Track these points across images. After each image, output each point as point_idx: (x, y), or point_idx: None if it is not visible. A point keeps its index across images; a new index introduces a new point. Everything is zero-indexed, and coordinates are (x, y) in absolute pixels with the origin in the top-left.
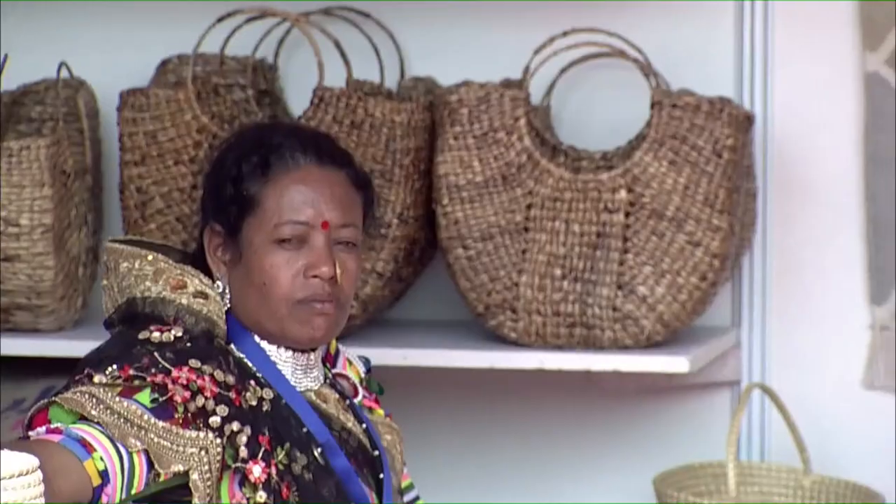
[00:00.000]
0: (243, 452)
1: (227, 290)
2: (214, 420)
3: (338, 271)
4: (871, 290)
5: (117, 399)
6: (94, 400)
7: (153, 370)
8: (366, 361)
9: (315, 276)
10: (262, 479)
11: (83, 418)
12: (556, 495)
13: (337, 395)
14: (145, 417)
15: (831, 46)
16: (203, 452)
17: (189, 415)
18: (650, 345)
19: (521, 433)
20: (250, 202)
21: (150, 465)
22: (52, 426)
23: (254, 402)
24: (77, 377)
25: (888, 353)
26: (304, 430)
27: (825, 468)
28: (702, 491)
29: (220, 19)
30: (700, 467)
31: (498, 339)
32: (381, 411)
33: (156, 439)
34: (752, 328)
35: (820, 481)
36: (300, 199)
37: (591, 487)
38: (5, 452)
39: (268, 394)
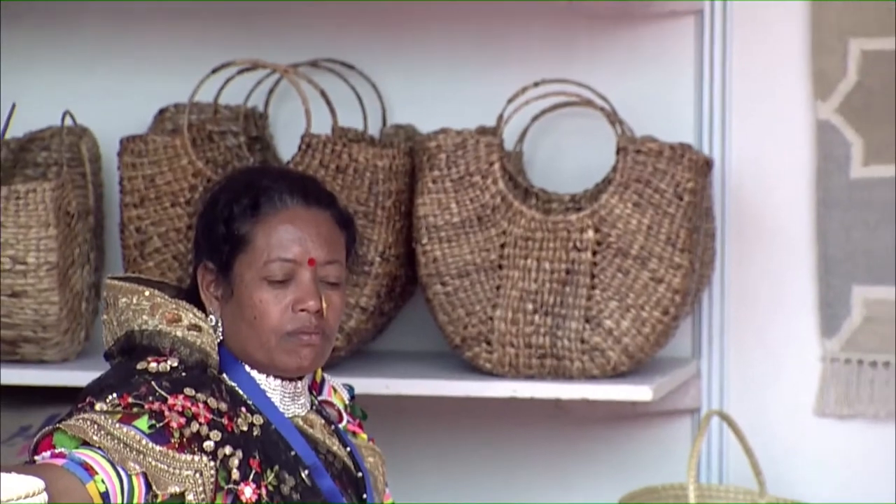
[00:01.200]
0: (235, 475)
1: (219, 324)
2: (208, 444)
3: (324, 305)
4: (821, 324)
5: (117, 425)
6: (96, 426)
7: (150, 398)
8: (350, 389)
9: (302, 310)
10: (253, 500)
11: (85, 443)
12: None
13: (323, 421)
14: (143, 442)
15: (785, 96)
16: (198, 475)
17: (184, 440)
18: (616, 375)
19: (495, 457)
20: (241, 241)
21: (149, 486)
22: (56, 451)
23: (245, 428)
24: (79, 405)
25: (838, 383)
26: (292, 453)
27: (779, 490)
28: None
29: (214, 70)
30: (663, 489)
31: (474, 370)
32: (364, 436)
33: (153, 463)
34: (711, 359)
35: (775, 502)
36: (288, 238)
37: None
38: (13, 475)
39: (258, 420)
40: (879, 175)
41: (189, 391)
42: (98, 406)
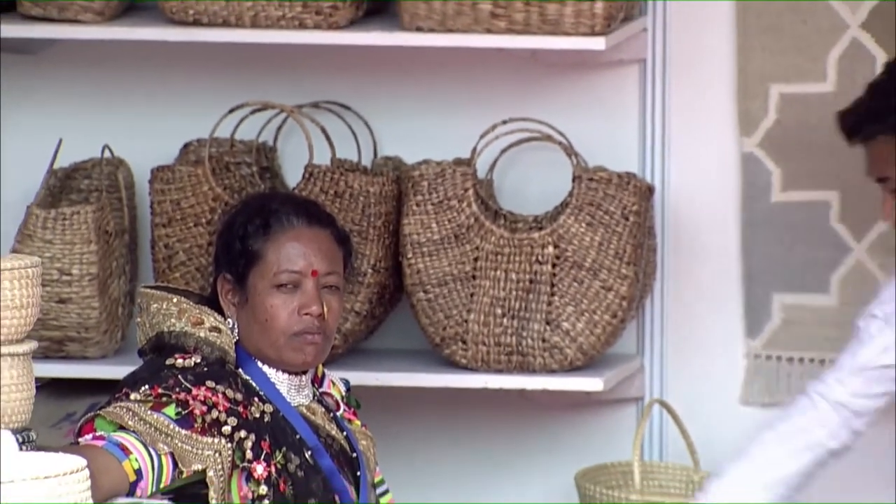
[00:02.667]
0: (249, 454)
1: (235, 326)
2: (226, 429)
3: (325, 310)
4: (746, 326)
5: (149, 412)
6: (131, 413)
7: (177, 389)
8: (346, 382)
9: (307, 314)
10: (264, 476)
11: (122, 428)
12: (498, 488)
13: (323, 409)
14: (171, 427)
15: (715, 132)
16: (217, 454)
17: (206, 425)
18: (572, 369)
19: (470, 439)
20: (254, 256)
21: (175, 464)
22: (96, 434)
23: (257, 415)
24: (117, 395)
25: (760, 376)
26: (297, 436)
27: (711, 466)
28: (613, 485)
29: (231, 111)
30: (612, 465)
31: (451, 365)
32: (358, 422)
33: (180, 444)
34: (653, 355)
35: (707, 477)
36: (294, 253)
37: (526, 481)
38: (60, 455)
39: (268, 408)
40: (795, 199)
41: (210, 383)
42: (133, 396)
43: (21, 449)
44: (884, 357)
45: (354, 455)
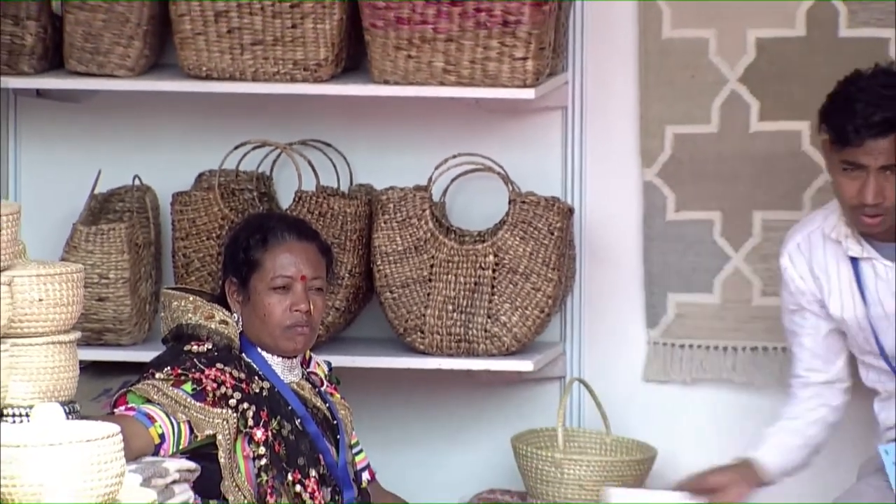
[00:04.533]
0: (250, 422)
1: (240, 320)
2: (232, 401)
3: (311, 307)
4: (647, 319)
5: (170, 388)
6: (155, 388)
7: (193, 370)
8: (328, 364)
9: (297, 311)
10: (262, 439)
11: (149, 401)
12: (449, 448)
13: (310, 386)
14: (188, 400)
15: (622, 165)
16: (225, 422)
17: (216, 398)
18: (509, 353)
19: (427, 410)
20: (255, 264)
21: (192, 430)
22: (128, 406)
23: (257, 390)
24: (144, 374)
25: (658, 359)
26: (289, 407)
27: (619, 431)
28: (541, 445)
29: (236, 147)
30: (540, 431)
31: (412, 351)
32: (338, 396)
33: (195, 414)
34: (573, 342)
35: (616, 439)
36: (287, 262)
37: (472, 443)
38: (99, 422)
39: (266, 385)
40: (686, 218)
41: (219, 365)
42: (157, 375)
43: (67, 417)
44: (824, 334)
45: (335, 422)
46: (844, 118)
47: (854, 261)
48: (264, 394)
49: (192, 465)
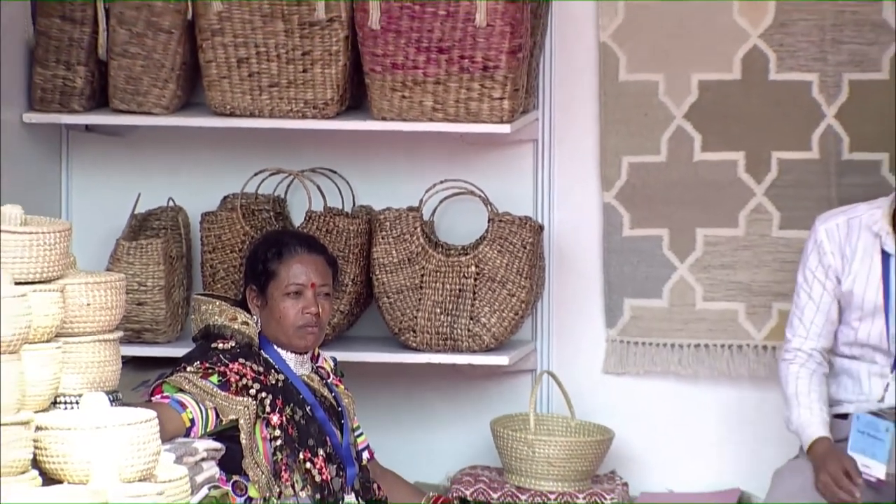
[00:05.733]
0: (267, 408)
1: (259, 321)
2: (252, 391)
3: (320, 310)
4: (606, 320)
5: (199, 380)
6: (187, 380)
7: (219, 364)
8: (334, 359)
9: (307, 313)
10: (278, 424)
11: (181, 390)
12: (437, 430)
13: (318, 378)
14: (214, 390)
15: (585, 189)
16: (246, 409)
17: (238, 388)
18: (488, 350)
19: (418, 399)
20: (272, 274)
21: (218, 415)
22: (163, 395)
23: (273, 382)
24: (177, 368)
25: (616, 354)
26: (300, 396)
27: (582, 416)
28: (516, 428)
29: (255, 174)
30: (516, 416)
31: (405, 348)
32: (342, 386)
33: (220, 402)
34: (543, 340)
35: (579, 423)
36: (299, 271)
37: (457, 426)
38: (138, 409)
39: (281, 377)
40: (639, 234)
41: (241, 360)
42: (188, 369)
43: (111, 405)
44: (828, 301)
45: (340, 409)
46: None
47: (886, 255)
48: (279, 385)
49: (217, 445)
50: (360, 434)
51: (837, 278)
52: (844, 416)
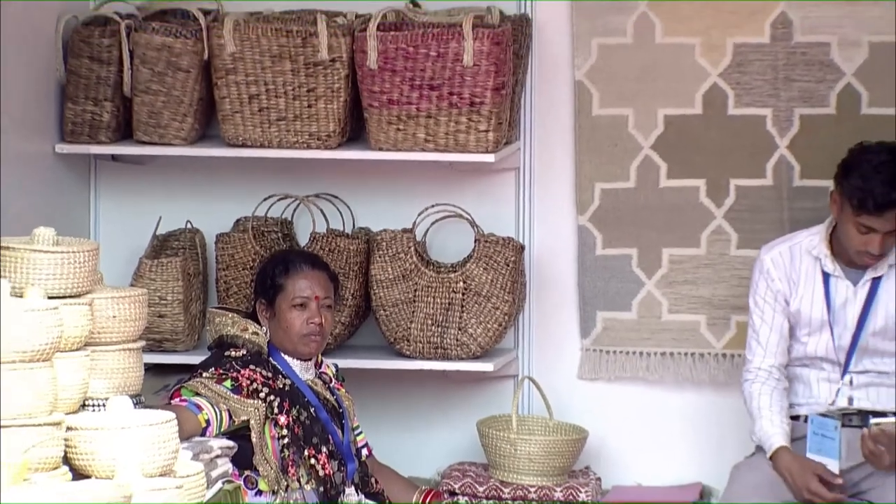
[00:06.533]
0: (276, 410)
1: (268, 332)
2: (262, 395)
3: (323, 321)
4: (581, 331)
5: (214, 384)
6: (203, 385)
7: (231, 370)
8: (336, 365)
9: (312, 323)
10: (285, 424)
11: (198, 394)
12: (429, 430)
13: (322, 382)
14: (228, 393)
15: (562, 212)
16: (256, 410)
17: (249, 392)
18: (475, 357)
19: (412, 402)
20: (280, 288)
21: (231, 417)
22: (181, 398)
23: (281, 386)
24: (194, 374)
25: (589, 362)
26: (305, 399)
27: (560, 417)
28: (500, 428)
29: (265, 199)
30: (499, 417)
31: (400, 355)
32: (343, 390)
33: (233, 404)
34: (524, 349)
35: (557, 423)
36: (304, 285)
37: (446, 426)
38: (158, 410)
39: (288, 382)
40: (610, 253)
41: (252, 366)
42: (204, 374)
43: (135, 407)
44: (780, 321)
45: (341, 410)
46: (865, 193)
47: (826, 275)
48: (286, 389)
49: (230, 443)
50: (360, 433)
51: (786, 300)
52: (797, 418)
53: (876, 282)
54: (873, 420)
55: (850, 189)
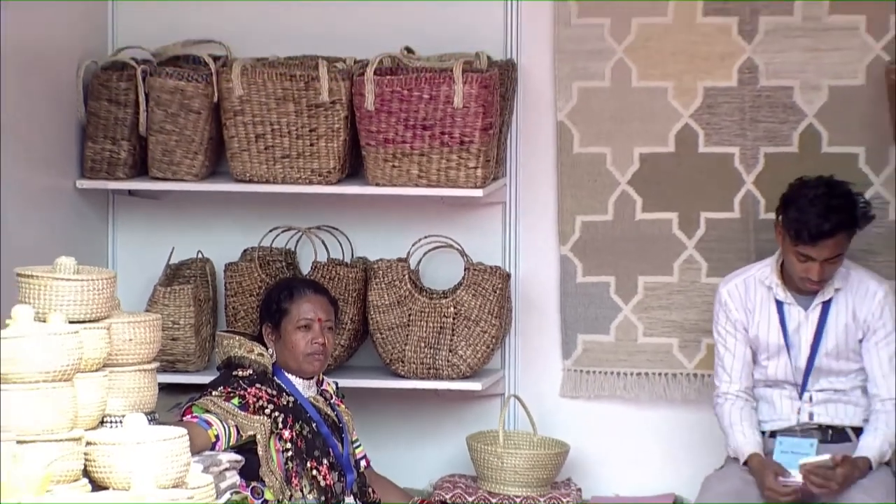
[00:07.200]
0: (280, 425)
1: (274, 353)
2: (267, 411)
3: (325, 341)
4: (563, 352)
5: (223, 402)
6: (212, 402)
7: (239, 389)
8: (336, 383)
9: (315, 343)
10: (289, 438)
11: (207, 411)
12: (423, 444)
13: (323, 399)
14: (235, 410)
15: (545, 243)
16: (262, 426)
17: (256, 408)
18: (465, 377)
19: (406, 419)
20: (285, 311)
21: (238, 432)
22: (193, 415)
23: (285, 403)
24: (204, 393)
25: (570, 381)
26: (307, 415)
27: (543, 432)
28: (488, 443)
29: (270, 230)
30: (487, 432)
31: (395, 375)
32: (343, 406)
33: (241, 420)
34: (510, 368)
35: (540, 438)
36: (307, 308)
37: (438, 441)
38: (171, 426)
39: (291, 399)
40: (590, 281)
41: (258, 385)
42: (213, 393)
43: (149, 423)
44: (742, 348)
45: (341, 425)
46: (801, 224)
47: (780, 303)
48: (290, 405)
49: (238, 457)
50: (359, 445)
51: (745, 329)
52: (763, 434)
53: (826, 306)
54: (801, 461)
55: (788, 221)
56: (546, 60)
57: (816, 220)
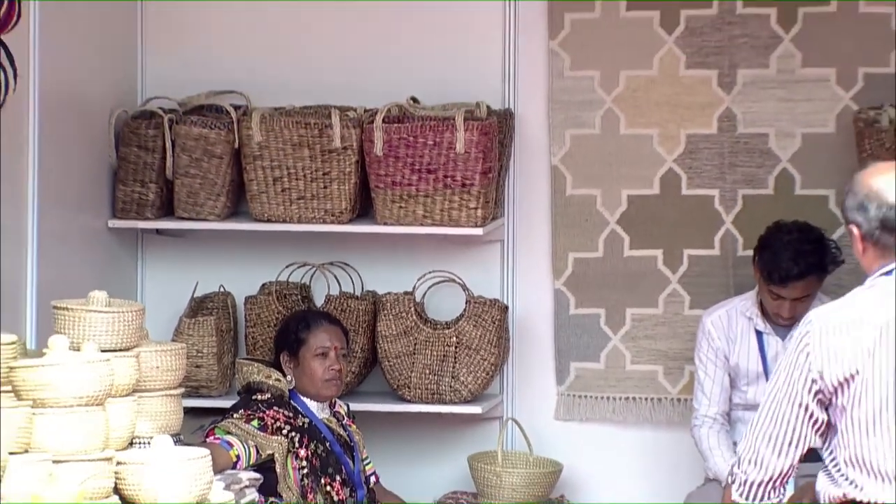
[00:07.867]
0: (296, 445)
1: (292, 379)
2: (284, 432)
3: (341, 367)
4: (556, 378)
5: (243, 424)
6: (233, 424)
7: (258, 411)
8: (347, 405)
9: (332, 369)
10: (304, 456)
11: (229, 433)
12: (427, 464)
13: (336, 420)
14: (255, 432)
15: (540, 277)
16: (280, 445)
17: (273, 429)
18: (466, 402)
19: (412, 440)
20: (302, 341)
21: (258, 451)
22: (215, 436)
23: (301, 424)
24: (226, 415)
25: (563, 406)
26: (322, 435)
27: (539, 452)
28: (488, 462)
29: (286, 266)
30: (487, 453)
31: (402, 400)
32: (354, 426)
33: (260, 440)
34: (508, 393)
35: (536, 458)
36: (324, 337)
37: (442, 461)
38: (195, 447)
39: (306, 420)
40: (582, 313)
41: (276, 408)
42: (234, 416)
43: (175, 444)
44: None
45: (352, 444)
46: (772, 266)
47: (759, 333)
48: (305, 426)
49: (257, 475)
50: (368, 463)
51: (726, 357)
52: None
53: None
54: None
55: (762, 262)
56: (541, 110)
57: (787, 264)
